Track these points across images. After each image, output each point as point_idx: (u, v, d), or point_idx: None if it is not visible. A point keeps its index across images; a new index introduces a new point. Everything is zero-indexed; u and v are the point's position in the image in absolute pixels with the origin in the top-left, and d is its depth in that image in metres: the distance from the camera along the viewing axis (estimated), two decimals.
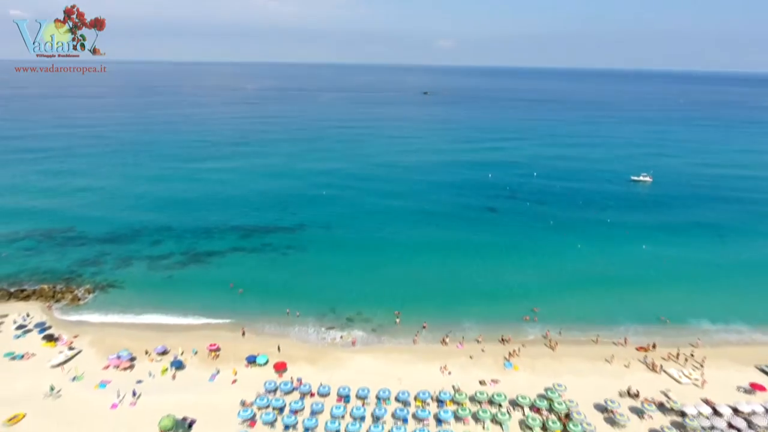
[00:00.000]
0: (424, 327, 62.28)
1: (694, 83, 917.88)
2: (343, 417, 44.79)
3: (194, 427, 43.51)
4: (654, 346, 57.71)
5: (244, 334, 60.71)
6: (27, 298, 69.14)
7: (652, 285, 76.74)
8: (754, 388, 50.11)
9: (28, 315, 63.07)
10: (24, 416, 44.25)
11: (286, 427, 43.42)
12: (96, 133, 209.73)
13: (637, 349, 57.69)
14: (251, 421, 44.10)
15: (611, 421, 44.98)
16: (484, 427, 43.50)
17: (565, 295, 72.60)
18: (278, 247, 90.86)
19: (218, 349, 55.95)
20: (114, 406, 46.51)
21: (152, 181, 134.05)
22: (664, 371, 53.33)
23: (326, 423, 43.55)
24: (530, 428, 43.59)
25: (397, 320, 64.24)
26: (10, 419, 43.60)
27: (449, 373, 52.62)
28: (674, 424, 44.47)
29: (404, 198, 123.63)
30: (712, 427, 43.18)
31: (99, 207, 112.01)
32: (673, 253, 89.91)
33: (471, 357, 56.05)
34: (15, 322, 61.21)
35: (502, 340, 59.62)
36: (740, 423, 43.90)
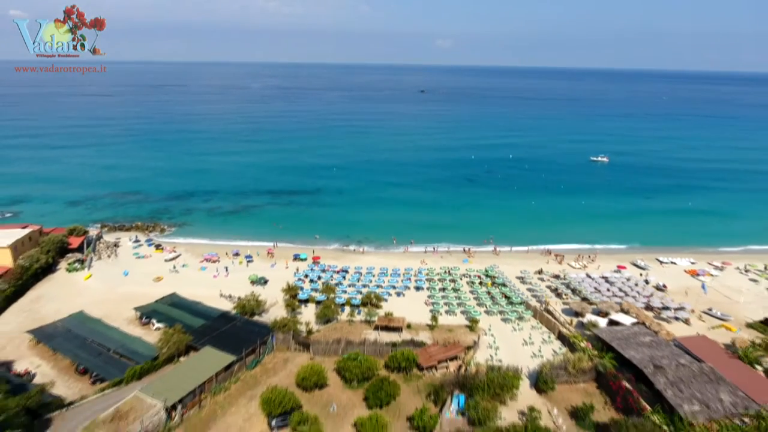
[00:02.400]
0: (411, 243, 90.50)
1: (685, 82, 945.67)
2: (358, 280, 72.68)
3: (268, 283, 71.21)
4: (550, 252, 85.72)
5: (276, 245, 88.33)
6: (128, 230, 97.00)
7: (580, 224, 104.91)
8: (620, 268, 78.28)
9: (136, 237, 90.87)
10: (163, 278, 72.05)
11: (324, 282, 71.25)
12: (125, 128, 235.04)
13: (549, 254, 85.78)
14: (303, 280, 71.96)
15: (523, 281, 73.03)
16: (444, 283, 71.27)
17: (515, 230, 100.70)
18: (302, 202, 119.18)
19: (273, 252, 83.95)
20: (215, 276, 74.32)
21: (189, 164, 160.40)
22: (567, 263, 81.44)
23: (348, 279, 71.62)
24: (472, 283, 71.60)
25: (394, 241, 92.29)
26: (157, 278, 71.44)
27: (425, 263, 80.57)
28: (562, 283, 72.31)
29: (400, 171, 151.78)
30: (583, 280, 71.25)
31: (153, 180, 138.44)
32: (606, 207, 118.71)
33: (441, 257, 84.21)
34: (130, 239, 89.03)
35: (464, 250, 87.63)
36: (601, 281, 71.95)
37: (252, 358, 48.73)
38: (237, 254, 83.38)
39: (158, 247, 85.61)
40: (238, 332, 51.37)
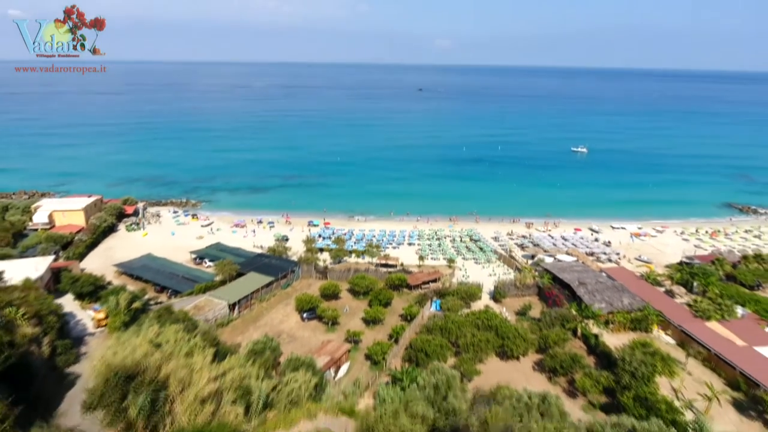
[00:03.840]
0: (407, 214, 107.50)
1: (680, 80, 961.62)
2: (362, 238, 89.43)
3: (289, 240, 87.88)
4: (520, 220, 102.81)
5: (289, 213, 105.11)
6: (165, 205, 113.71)
7: (553, 202, 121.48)
8: (576, 230, 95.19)
9: (174, 209, 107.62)
10: (204, 237, 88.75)
11: (333, 238, 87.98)
12: (141, 124, 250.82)
13: (520, 221, 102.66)
14: (317, 238, 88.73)
15: (496, 240, 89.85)
16: (431, 240, 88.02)
17: (495, 205, 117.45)
18: (311, 184, 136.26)
19: (290, 220, 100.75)
20: (245, 236, 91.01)
21: (206, 155, 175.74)
22: (534, 228, 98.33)
23: (354, 237, 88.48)
24: (453, 240, 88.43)
25: (391, 213, 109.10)
26: (199, 237, 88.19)
27: (417, 227, 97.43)
28: (527, 240, 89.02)
29: (397, 161, 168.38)
30: (544, 238, 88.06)
31: (177, 169, 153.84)
32: (577, 188, 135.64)
33: (430, 224, 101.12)
34: (169, 211, 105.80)
35: (450, 219, 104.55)
36: (558, 238, 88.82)
37: (284, 281, 65.58)
38: (260, 221, 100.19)
39: (194, 216, 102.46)
40: (273, 265, 68.16)
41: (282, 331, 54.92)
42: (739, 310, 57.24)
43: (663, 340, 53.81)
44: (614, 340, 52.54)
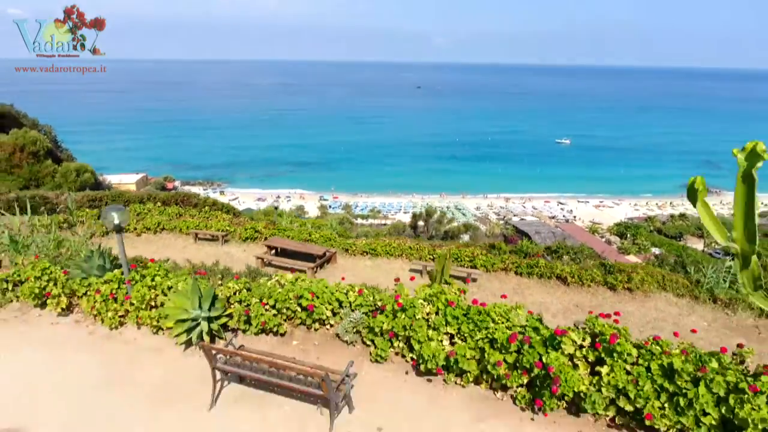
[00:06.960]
0: (404, 191, 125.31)
1: (676, 79, 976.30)
2: (365, 208, 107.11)
3: (305, 207, 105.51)
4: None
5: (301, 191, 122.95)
6: (193, 185, 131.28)
7: (533, 184, 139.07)
8: (546, 203, 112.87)
9: (203, 188, 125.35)
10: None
11: (342, 207, 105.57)
12: (153, 122, 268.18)
13: (499, 196, 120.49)
14: (328, 207, 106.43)
15: (477, 209, 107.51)
16: (423, 208, 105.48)
17: (482, 185, 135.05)
18: (317, 172, 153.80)
19: (304, 196, 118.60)
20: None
21: (222, 146, 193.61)
22: (511, 201, 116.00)
23: (359, 207, 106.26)
24: (441, 209, 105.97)
25: (389, 192, 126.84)
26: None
27: (412, 201, 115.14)
28: (504, 209, 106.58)
29: (395, 150, 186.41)
30: (517, 207, 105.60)
31: (198, 157, 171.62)
32: (555, 172, 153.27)
33: (423, 199, 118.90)
34: (198, 189, 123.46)
35: (441, 195, 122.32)
36: (530, 207, 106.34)
37: None
38: (278, 196, 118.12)
39: (221, 192, 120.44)
40: None
41: None
42: (655, 250, 74.84)
43: None
44: None
